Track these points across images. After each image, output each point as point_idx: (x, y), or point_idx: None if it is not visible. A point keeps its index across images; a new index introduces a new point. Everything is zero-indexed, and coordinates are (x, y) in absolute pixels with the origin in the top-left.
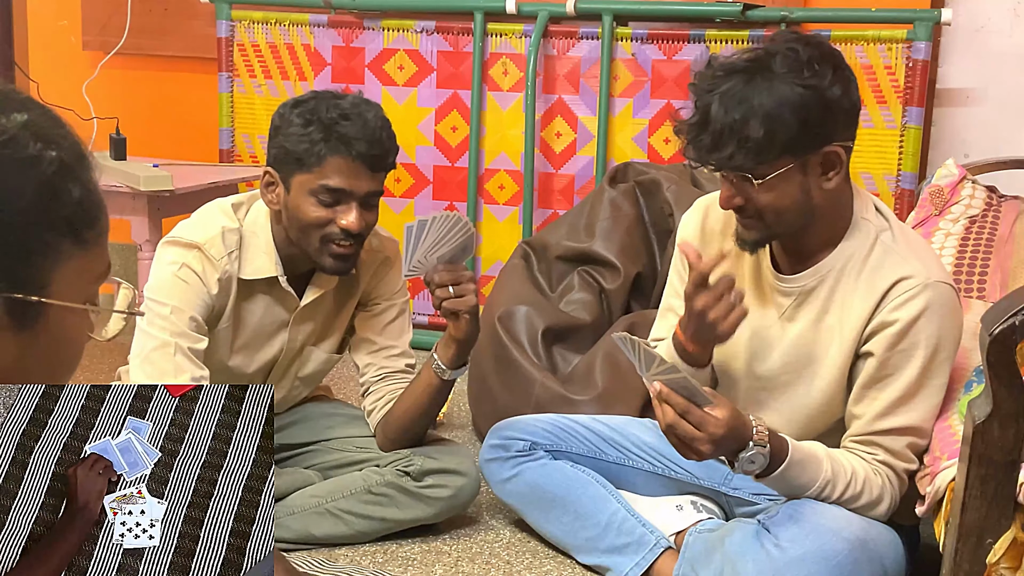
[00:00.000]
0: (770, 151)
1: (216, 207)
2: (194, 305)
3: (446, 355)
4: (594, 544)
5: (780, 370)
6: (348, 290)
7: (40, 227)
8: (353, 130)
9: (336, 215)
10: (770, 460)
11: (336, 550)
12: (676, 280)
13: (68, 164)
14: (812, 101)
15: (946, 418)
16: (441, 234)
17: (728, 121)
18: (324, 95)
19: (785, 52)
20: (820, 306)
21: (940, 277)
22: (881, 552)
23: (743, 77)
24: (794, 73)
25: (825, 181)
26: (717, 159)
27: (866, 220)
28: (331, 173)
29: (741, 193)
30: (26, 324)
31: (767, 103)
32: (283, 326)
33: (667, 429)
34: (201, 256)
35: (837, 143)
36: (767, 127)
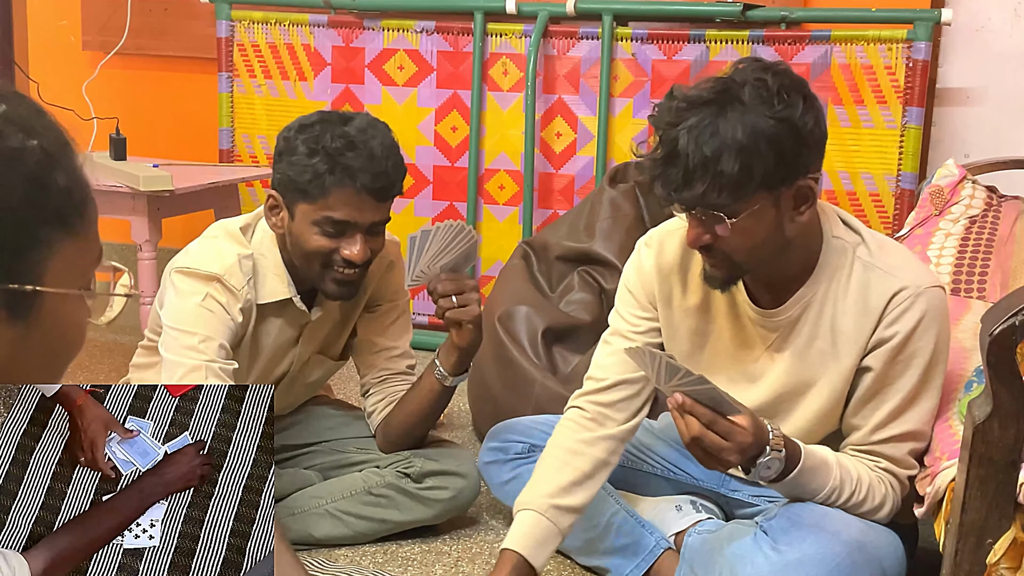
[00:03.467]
0: (746, 187)
1: (223, 232)
2: (222, 333)
3: (448, 362)
4: (594, 545)
5: (774, 400)
6: (355, 299)
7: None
8: (358, 161)
9: (340, 245)
10: (785, 465)
11: (336, 551)
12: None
13: (52, 153)
14: (786, 133)
15: (946, 418)
16: (445, 243)
17: (700, 156)
18: (330, 119)
19: (753, 82)
20: (808, 332)
21: (928, 282)
22: (880, 554)
23: (712, 110)
24: (766, 104)
25: (798, 215)
26: (688, 197)
27: (838, 238)
28: (335, 205)
29: (711, 231)
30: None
31: (740, 136)
32: (294, 342)
33: (692, 441)
34: (222, 288)
35: (809, 176)
36: (742, 161)
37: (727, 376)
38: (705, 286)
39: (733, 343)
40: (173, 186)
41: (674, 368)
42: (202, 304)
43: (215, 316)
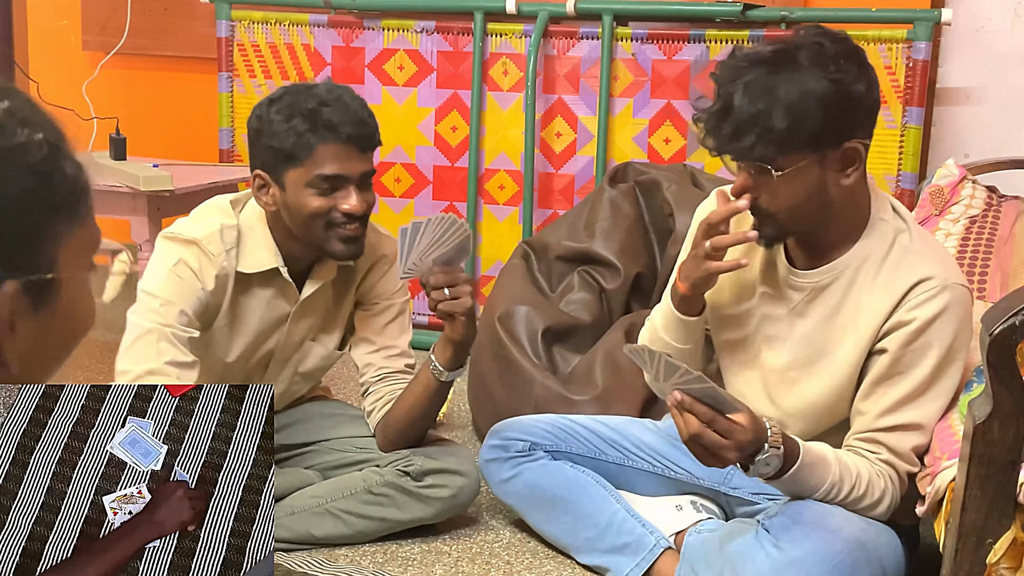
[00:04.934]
0: (792, 142)
1: (215, 204)
2: (186, 300)
3: (443, 357)
4: (594, 544)
5: (788, 365)
6: (346, 281)
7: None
8: (337, 115)
9: (336, 201)
10: (783, 462)
11: (336, 550)
12: None
13: (55, 145)
14: (836, 95)
15: (946, 418)
16: (436, 236)
17: (752, 110)
18: (296, 88)
19: (811, 46)
20: (833, 304)
21: (958, 280)
22: (880, 553)
23: (768, 68)
24: (820, 66)
25: (843, 177)
26: (738, 148)
27: (883, 220)
28: (324, 161)
29: (757, 185)
30: (44, 304)
31: (792, 94)
32: (283, 320)
33: (691, 439)
34: (199, 252)
35: (857, 140)
36: (791, 118)
37: (753, 331)
38: (750, 243)
39: (762, 301)
40: (173, 186)
41: (673, 366)
42: (173, 269)
43: (183, 282)
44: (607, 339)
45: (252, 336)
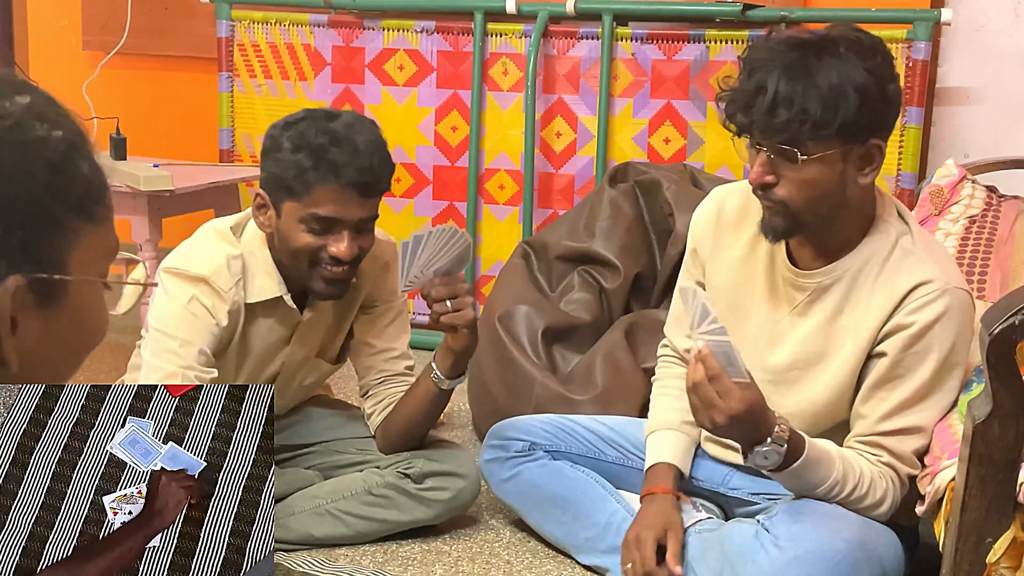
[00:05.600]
0: (826, 127)
1: (214, 232)
2: (203, 339)
3: (444, 365)
4: (594, 544)
5: (788, 365)
6: (350, 300)
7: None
8: (343, 157)
9: (327, 242)
10: (784, 459)
11: (336, 551)
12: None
13: (73, 142)
14: (874, 87)
15: (946, 418)
16: (437, 247)
17: (790, 90)
18: (316, 115)
19: (849, 39)
20: (834, 305)
21: (959, 283)
22: (880, 552)
23: (809, 51)
24: (860, 58)
25: (861, 176)
26: (769, 126)
27: (887, 222)
28: (320, 201)
29: (777, 171)
30: (50, 304)
31: (833, 79)
32: (285, 342)
33: (692, 387)
34: (210, 290)
35: (879, 138)
36: (828, 103)
37: (751, 337)
38: (752, 243)
39: (763, 300)
40: (173, 186)
41: (705, 312)
42: (187, 307)
43: (199, 320)
44: (607, 339)
45: (257, 361)
